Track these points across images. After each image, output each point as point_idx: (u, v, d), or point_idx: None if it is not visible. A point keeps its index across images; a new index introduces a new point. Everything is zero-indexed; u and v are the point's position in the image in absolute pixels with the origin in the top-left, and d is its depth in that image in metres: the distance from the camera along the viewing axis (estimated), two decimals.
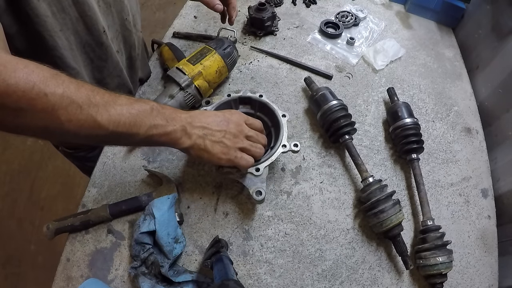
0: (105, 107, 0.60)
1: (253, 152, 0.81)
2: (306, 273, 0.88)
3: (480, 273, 0.90)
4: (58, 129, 0.58)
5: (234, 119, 0.80)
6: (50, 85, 0.55)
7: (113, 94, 0.64)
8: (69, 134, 0.59)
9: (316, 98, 1.04)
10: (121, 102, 0.63)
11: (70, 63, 0.85)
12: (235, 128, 0.79)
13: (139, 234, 0.84)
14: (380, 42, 1.29)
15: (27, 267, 2.24)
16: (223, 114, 0.80)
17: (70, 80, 0.59)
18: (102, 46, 0.91)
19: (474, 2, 1.30)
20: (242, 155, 0.79)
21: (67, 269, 0.87)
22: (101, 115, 0.60)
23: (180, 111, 0.74)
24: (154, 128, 0.67)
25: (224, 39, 1.12)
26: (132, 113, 0.64)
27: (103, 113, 0.60)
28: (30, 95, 0.52)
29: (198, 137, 0.73)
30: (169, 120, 0.70)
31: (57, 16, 0.77)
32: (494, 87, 1.14)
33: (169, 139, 0.71)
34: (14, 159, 2.65)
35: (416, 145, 0.98)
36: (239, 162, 0.78)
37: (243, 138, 0.80)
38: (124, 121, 0.63)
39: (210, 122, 0.76)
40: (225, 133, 0.77)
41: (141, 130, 0.66)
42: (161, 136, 0.69)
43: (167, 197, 0.89)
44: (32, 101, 0.53)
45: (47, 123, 0.56)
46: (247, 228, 0.93)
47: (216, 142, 0.76)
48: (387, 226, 0.85)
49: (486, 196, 1.01)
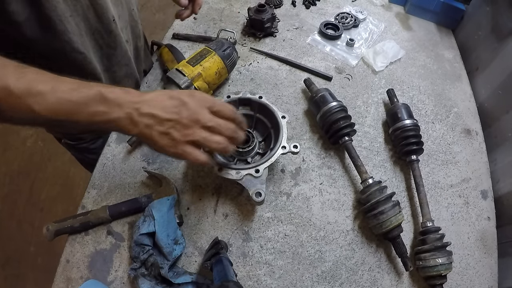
0: (45, 95, 0.60)
1: (208, 145, 0.70)
2: (305, 275, 0.88)
3: (480, 274, 0.90)
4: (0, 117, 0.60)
5: (192, 105, 0.69)
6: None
7: (58, 80, 0.62)
8: (12, 121, 0.62)
9: (316, 99, 1.04)
10: (63, 89, 0.62)
11: (78, 48, 0.86)
12: (190, 116, 0.68)
13: (138, 236, 0.84)
14: (380, 44, 1.29)
15: (26, 269, 2.24)
16: (180, 97, 0.69)
17: (15, 69, 0.60)
18: (111, 34, 0.92)
19: (473, 4, 1.30)
20: (192, 150, 0.69)
21: (67, 270, 0.87)
22: (38, 105, 0.59)
23: (131, 94, 0.67)
24: (95, 116, 0.64)
25: (223, 40, 1.12)
26: (72, 101, 0.62)
27: (41, 102, 0.60)
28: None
29: (145, 126, 0.66)
30: (113, 106, 0.64)
31: (68, 3, 0.79)
32: (493, 89, 1.14)
33: (114, 126, 0.66)
34: (13, 160, 2.65)
35: (416, 146, 0.98)
36: (187, 157, 0.69)
37: (197, 129, 0.69)
38: (63, 109, 0.61)
39: (162, 108, 0.67)
40: (175, 122, 0.67)
41: (81, 117, 0.63)
42: (105, 124, 0.65)
43: (166, 199, 0.89)
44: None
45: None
46: (246, 230, 0.93)
47: (164, 133, 0.67)
48: (387, 227, 0.85)
49: (485, 198, 1.01)
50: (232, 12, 1.41)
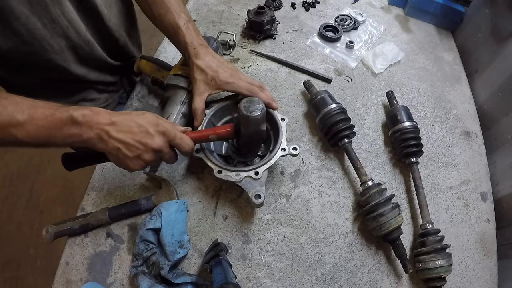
0: (24, 125, 0.68)
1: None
2: (305, 277, 0.87)
3: (479, 276, 0.90)
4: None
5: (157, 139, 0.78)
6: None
7: (33, 108, 0.70)
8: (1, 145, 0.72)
9: (315, 101, 1.05)
10: (39, 117, 0.69)
11: (60, 64, 0.97)
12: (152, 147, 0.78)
13: (144, 231, 0.85)
14: (379, 46, 1.29)
15: (26, 271, 2.23)
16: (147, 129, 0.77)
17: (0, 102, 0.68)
18: (89, 43, 1.01)
19: (473, 6, 1.30)
20: None
21: (66, 272, 0.87)
22: (21, 134, 0.69)
23: (101, 115, 0.74)
24: (69, 138, 0.72)
25: (209, 37, 1.13)
26: (48, 126, 0.70)
27: (22, 131, 0.69)
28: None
29: (114, 148, 0.75)
30: (84, 128, 0.72)
31: (48, 26, 0.88)
32: (493, 91, 1.14)
33: (88, 145, 0.75)
34: (13, 163, 2.65)
35: (415, 148, 0.98)
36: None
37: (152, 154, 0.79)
38: (41, 135, 0.70)
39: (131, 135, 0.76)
40: (141, 150, 0.77)
41: (58, 140, 0.72)
42: (79, 143, 0.74)
43: (175, 201, 0.91)
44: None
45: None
46: (246, 232, 0.93)
47: (130, 157, 0.77)
48: (386, 229, 0.85)
49: (485, 200, 1.01)
50: (232, 14, 1.41)
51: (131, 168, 0.79)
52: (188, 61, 0.96)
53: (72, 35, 0.94)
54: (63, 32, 0.92)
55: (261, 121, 0.85)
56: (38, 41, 0.88)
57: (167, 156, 0.82)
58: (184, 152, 0.83)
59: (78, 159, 0.86)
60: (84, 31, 0.97)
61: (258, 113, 0.82)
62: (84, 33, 0.97)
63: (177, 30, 0.95)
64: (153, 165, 0.82)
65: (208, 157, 0.89)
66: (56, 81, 1.05)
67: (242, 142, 0.92)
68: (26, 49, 0.88)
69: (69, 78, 1.04)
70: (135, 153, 0.76)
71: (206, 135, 0.86)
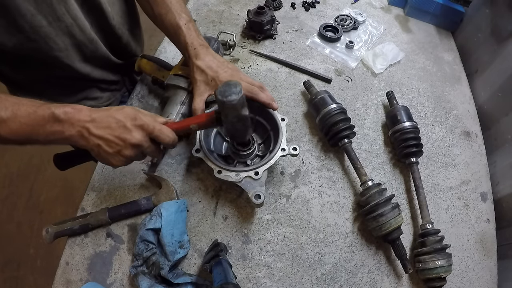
0: (7, 122, 0.70)
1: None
2: (305, 277, 0.87)
3: (479, 276, 0.90)
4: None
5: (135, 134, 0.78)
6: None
7: (16, 105, 0.71)
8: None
9: (315, 101, 1.05)
10: (22, 114, 0.71)
11: (64, 61, 0.97)
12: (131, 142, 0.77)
13: (144, 231, 0.86)
14: (379, 46, 1.29)
15: (26, 271, 2.24)
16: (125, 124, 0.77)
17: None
18: (93, 42, 1.02)
19: (473, 6, 1.30)
20: None
21: (66, 272, 0.87)
22: (4, 130, 0.70)
23: (82, 112, 0.75)
24: (51, 135, 0.73)
25: (210, 37, 1.13)
26: (30, 124, 0.71)
27: (5, 128, 0.70)
28: None
29: (94, 144, 0.75)
30: (66, 125, 0.73)
31: (53, 25, 0.89)
32: (493, 91, 1.14)
33: (69, 142, 0.76)
34: (13, 163, 2.65)
35: (415, 148, 0.98)
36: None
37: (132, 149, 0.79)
38: (23, 131, 0.72)
39: (110, 131, 0.76)
40: (120, 146, 0.77)
41: (40, 137, 0.73)
42: (61, 140, 0.75)
43: (175, 201, 0.91)
44: None
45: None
46: (246, 232, 0.93)
47: (110, 153, 0.77)
48: (386, 229, 0.85)
49: (485, 200, 1.01)
50: (232, 14, 1.41)
51: (114, 165, 0.79)
52: (188, 61, 0.96)
53: (76, 33, 0.95)
54: (68, 30, 0.93)
55: (239, 106, 0.78)
56: (42, 38, 0.88)
57: (149, 150, 0.81)
58: (165, 144, 0.82)
59: (69, 158, 0.87)
60: (88, 29, 0.98)
61: (234, 97, 0.75)
62: (88, 31, 0.98)
63: (177, 30, 0.95)
64: (138, 160, 0.81)
65: (208, 157, 0.89)
66: (60, 79, 1.05)
67: (227, 131, 0.91)
68: (31, 46, 0.88)
69: (73, 76, 1.04)
70: (115, 149, 0.76)
71: (187, 124, 0.85)
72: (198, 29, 0.99)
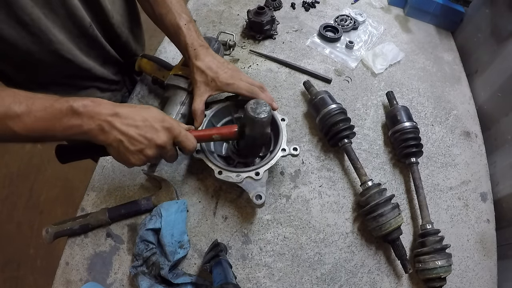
0: (21, 117, 0.66)
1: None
2: (305, 277, 0.87)
3: (479, 277, 0.90)
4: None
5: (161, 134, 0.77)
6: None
7: (31, 99, 0.68)
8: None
9: (315, 102, 1.05)
10: (37, 108, 0.67)
11: (65, 54, 0.96)
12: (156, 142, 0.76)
13: (144, 231, 0.86)
14: (379, 46, 1.29)
15: (26, 271, 2.23)
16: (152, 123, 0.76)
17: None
18: (92, 36, 1.01)
19: (473, 6, 1.30)
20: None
21: (66, 272, 0.87)
22: (17, 126, 0.66)
23: (103, 105, 0.72)
24: (69, 129, 0.70)
25: (210, 38, 1.13)
26: (46, 118, 0.68)
27: (19, 124, 0.66)
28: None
29: (115, 139, 0.72)
30: (85, 119, 0.70)
31: (49, 17, 0.88)
32: (493, 91, 1.14)
33: (88, 137, 0.72)
34: (13, 163, 2.64)
35: (415, 149, 0.98)
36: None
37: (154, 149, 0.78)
38: (39, 127, 0.68)
39: (135, 128, 0.74)
40: (144, 145, 0.75)
41: (57, 132, 0.70)
42: (79, 135, 0.71)
43: (175, 202, 0.91)
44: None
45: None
46: (246, 232, 0.93)
47: (132, 151, 0.74)
48: (386, 229, 0.85)
49: (485, 200, 1.01)
50: (232, 14, 1.41)
51: (132, 163, 0.76)
52: (188, 62, 0.96)
53: (72, 26, 0.94)
54: (63, 23, 0.92)
55: (267, 123, 0.83)
56: (43, 31, 0.87)
57: (169, 154, 0.80)
58: (187, 150, 0.81)
59: (73, 151, 0.83)
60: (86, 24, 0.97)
61: (265, 115, 0.80)
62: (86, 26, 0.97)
63: (177, 31, 0.95)
64: (153, 162, 0.80)
65: (208, 158, 0.89)
66: (62, 77, 1.05)
67: (245, 144, 0.92)
68: (32, 39, 0.87)
69: (74, 74, 1.04)
70: (138, 147, 0.74)
71: (209, 134, 0.86)
72: (198, 29, 0.99)
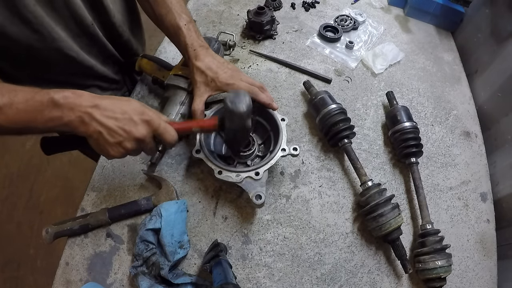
0: (3, 109, 0.67)
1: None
2: (305, 277, 0.87)
3: (479, 277, 0.90)
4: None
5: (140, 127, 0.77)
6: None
7: (13, 92, 0.69)
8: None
9: (315, 102, 1.05)
10: (19, 101, 0.68)
11: (68, 52, 0.97)
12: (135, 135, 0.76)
13: (144, 231, 0.86)
14: (379, 46, 1.29)
15: (26, 271, 2.24)
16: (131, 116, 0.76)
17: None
18: (93, 35, 1.03)
19: (473, 6, 1.30)
20: None
21: (66, 273, 0.87)
22: (0, 118, 0.67)
23: (84, 97, 0.72)
24: (50, 121, 0.70)
25: (210, 38, 1.13)
26: (28, 110, 0.69)
27: (1, 116, 0.67)
28: None
29: (95, 131, 0.73)
30: (66, 110, 0.70)
31: (51, 15, 0.89)
32: (493, 91, 1.14)
33: (69, 128, 0.73)
34: (13, 163, 2.65)
35: (415, 149, 0.98)
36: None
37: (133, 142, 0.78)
38: (21, 118, 0.69)
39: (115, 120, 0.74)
40: (122, 138, 0.75)
41: (39, 124, 0.70)
42: (60, 127, 0.72)
43: (175, 202, 0.91)
44: None
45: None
46: (246, 232, 0.93)
47: (111, 143, 0.74)
48: (386, 230, 0.85)
49: (485, 200, 1.01)
50: (232, 14, 1.41)
51: (111, 155, 0.76)
52: (188, 62, 0.96)
53: (73, 24, 0.95)
54: (65, 21, 0.93)
55: (246, 115, 0.80)
56: (46, 29, 0.88)
57: (148, 147, 0.80)
58: (167, 142, 0.81)
59: (57, 143, 0.84)
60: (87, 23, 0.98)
61: (244, 107, 0.77)
62: (87, 24, 0.98)
63: (177, 31, 0.95)
64: (133, 154, 0.80)
65: (208, 158, 0.89)
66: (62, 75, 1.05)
67: (227, 137, 0.91)
68: (36, 37, 0.88)
69: (76, 71, 1.05)
70: (117, 139, 0.74)
71: (189, 126, 0.85)
72: (198, 29, 0.99)
